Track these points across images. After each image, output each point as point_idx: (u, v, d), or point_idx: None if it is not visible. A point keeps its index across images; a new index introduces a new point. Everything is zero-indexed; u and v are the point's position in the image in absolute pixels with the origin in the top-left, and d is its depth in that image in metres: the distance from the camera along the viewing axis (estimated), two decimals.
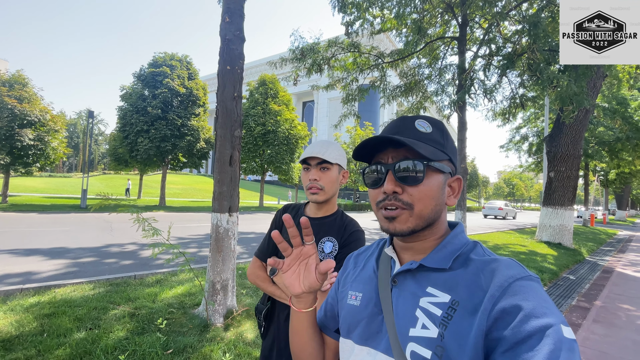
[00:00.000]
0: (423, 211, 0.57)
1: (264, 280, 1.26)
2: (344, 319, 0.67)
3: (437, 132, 0.62)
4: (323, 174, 1.20)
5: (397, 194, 0.58)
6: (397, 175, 0.58)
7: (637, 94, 15.99)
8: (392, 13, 8.13)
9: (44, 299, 3.57)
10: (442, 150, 0.60)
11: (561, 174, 10.04)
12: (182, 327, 3.02)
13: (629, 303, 4.66)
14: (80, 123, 68.24)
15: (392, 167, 0.58)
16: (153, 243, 2.90)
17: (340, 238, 1.19)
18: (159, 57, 20.04)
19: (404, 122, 0.62)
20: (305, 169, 1.23)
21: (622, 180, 26.12)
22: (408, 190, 0.57)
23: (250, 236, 9.80)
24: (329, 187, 1.21)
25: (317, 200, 1.21)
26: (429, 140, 0.60)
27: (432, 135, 0.61)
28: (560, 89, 5.76)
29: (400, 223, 0.58)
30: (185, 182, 41.69)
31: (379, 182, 0.60)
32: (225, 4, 3.43)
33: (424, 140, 0.59)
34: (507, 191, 70.47)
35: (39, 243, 6.93)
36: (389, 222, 0.59)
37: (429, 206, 0.58)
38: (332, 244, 1.18)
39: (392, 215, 0.58)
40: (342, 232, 1.20)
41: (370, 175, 0.62)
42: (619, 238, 14.88)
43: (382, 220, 0.60)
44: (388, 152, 0.61)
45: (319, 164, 1.20)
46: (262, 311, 1.26)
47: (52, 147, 16.80)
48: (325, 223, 1.24)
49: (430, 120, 0.63)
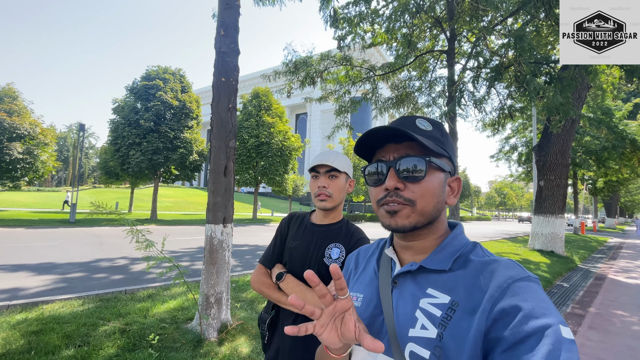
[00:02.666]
0: (425, 208, 0.58)
1: (269, 287, 1.24)
2: None
3: (437, 131, 0.63)
4: (331, 182, 1.23)
5: (398, 190, 0.58)
6: (399, 171, 0.58)
7: (621, 104, 16.51)
8: (383, 28, 8.34)
9: (31, 315, 3.46)
10: (442, 147, 0.61)
11: (551, 183, 10.22)
12: (174, 343, 2.94)
13: (623, 309, 4.70)
14: (70, 136, 67.50)
15: (394, 164, 0.59)
16: (146, 256, 2.85)
17: (347, 245, 1.21)
18: (152, 71, 20.08)
19: (405, 121, 0.63)
20: (314, 176, 1.26)
21: (610, 188, 26.69)
22: (410, 187, 0.58)
23: (244, 248, 9.68)
24: (337, 195, 1.24)
25: (326, 207, 1.23)
26: (430, 137, 0.60)
27: (433, 133, 0.62)
28: (546, 99, 5.92)
29: (402, 218, 0.58)
30: (178, 195, 41.22)
31: (381, 180, 0.60)
32: (220, 18, 3.49)
33: (425, 137, 0.60)
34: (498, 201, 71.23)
35: (26, 258, 6.74)
36: (390, 217, 0.59)
37: (430, 203, 0.58)
38: (340, 250, 1.20)
39: (394, 209, 0.58)
40: (349, 240, 1.22)
41: (372, 173, 0.63)
42: (609, 245, 15.08)
43: (383, 217, 0.60)
44: (389, 148, 0.61)
45: (327, 171, 1.23)
46: (266, 321, 1.24)
47: (42, 160, 16.56)
48: (332, 230, 1.26)
49: (430, 120, 0.64)
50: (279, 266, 1.29)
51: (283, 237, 1.34)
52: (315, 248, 1.22)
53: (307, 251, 1.22)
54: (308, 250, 1.22)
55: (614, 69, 8.31)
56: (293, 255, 1.25)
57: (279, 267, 1.28)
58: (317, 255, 1.21)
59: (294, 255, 1.24)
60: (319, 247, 1.22)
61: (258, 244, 10.85)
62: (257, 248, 9.91)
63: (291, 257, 1.25)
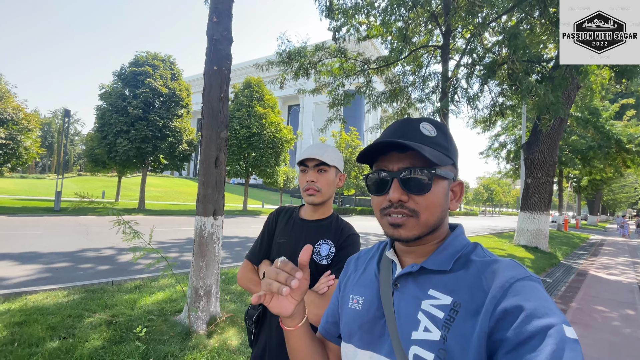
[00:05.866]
0: (429, 219, 0.57)
1: (256, 284, 1.22)
2: (346, 323, 0.66)
3: (442, 135, 0.61)
4: (320, 176, 1.19)
5: (402, 202, 0.57)
6: (404, 183, 0.57)
7: (608, 104, 16.86)
8: (378, 20, 8.26)
9: (14, 306, 3.38)
10: (447, 154, 0.59)
11: (537, 180, 10.43)
12: (162, 335, 2.91)
13: (603, 305, 4.85)
14: (55, 122, 65.58)
15: (398, 175, 0.57)
16: (133, 247, 2.80)
17: (336, 241, 1.18)
18: (141, 56, 19.54)
19: (409, 125, 0.61)
20: (303, 170, 1.22)
21: (594, 186, 27.41)
22: (414, 199, 0.57)
23: (233, 240, 9.64)
24: (326, 189, 1.20)
25: (314, 201, 1.20)
26: (434, 144, 0.59)
27: (437, 139, 0.60)
28: (537, 98, 5.99)
29: (407, 230, 0.57)
30: (166, 185, 40.68)
31: (384, 189, 0.59)
32: (213, 4, 3.39)
33: (429, 145, 0.58)
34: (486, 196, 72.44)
35: (9, 247, 6.56)
36: (394, 229, 0.58)
37: (435, 214, 0.57)
38: (329, 247, 1.17)
39: (398, 222, 0.57)
40: (339, 236, 1.19)
41: (374, 181, 0.61)
42: (591, 242, 15.54)
43: (386, 227, 0.59)
44: (392, 157, 0.59)
45: (316, 165, 1.19)
46: (253, 317, 1.22)
47: (25, 146, 16.04)
48: (321, 225, 1.23)
49: (434, 123, 0.62)
50: (266, 263, 1.26)
51: (271, 233, 1.31)
52: (304, 244, 1.19)
53: (296, 248, 1.19)
54: (297, 247, 1.19)
55: (604, 69, 8.45)
56: (281, 251, 1.22)
57: (267, 264, 1.25)
58: None
59: (282, 251, 1.21)
60: (308, 244, 1.19)
61: (248, 235, 10.82)
62: (247, 240, 9.87)
63: (279, 254, 1.22)
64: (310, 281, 1.13)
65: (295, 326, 0.64)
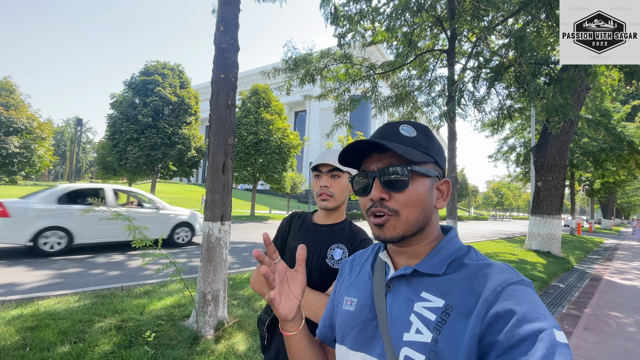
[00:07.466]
0: (410, 217, 0.58)
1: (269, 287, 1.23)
2: (340, 324, 0.67)
3: (422, 135, 0.62)
4: (334, 181, 1.21)
5: (384, 200, 0.58)
6: (383, 181, 0.58)
7: (620, 106, 16.56)
8: (383, 26, 8.30)
9: (26, 311, 3.44)
10: (427, 153, 0.61)
11: (548, 184, 10.25)
12: (171, 340, 2.93)
13: (618, 311, 4.73)
14: (67, 131, 67.16)
15: (378, 174, 0.59)
16: (143, 252, 2.83)
17: (350, 246, 1.19)
18: (151, 66, 19.97)
19: (389, 128, 0.63)
20: (316, 176, 1.24)
21: (607, 189, 26.80)
22: (394, 197, 0.58)
23: (241, 246, 9.67)
24: (339, 195, 1.22)
25: (327, 206, 1.22)
26: (413, 144, 0.60)
27: (417, 139, 0.61)
28: (546, 100, 5.92)
29: (389, 230, 0.58)
30: (175, 191, 41.11)
31: (367, 189, 0.61)
32: (220, 14, 3.46)
33: (408, 144, 0.60)
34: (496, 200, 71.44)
35: (23, 254, 6.70)
36: (378, 229, 0.59)
37: (415, 211, 0.58)
38: (342, 251, 1.18)
39: (380, 222, 0.59)
40: (352, 240, 1.20)
41: (359, 183, 0.63)
42: (605, 246, 15.17)
43: (372, 228, 0.61)
44: (373, 158, 0.62)
45: (330, 171, 1.21)
46: (266, 322, 1.22)
47: (38, 155, 16.47)
48: (334, 230, 1.24)
49: (415, 124, 0.64)
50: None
51: (284, 237, 1.32)
52: (317, 249, 1.20)
53: (309, 252, 1.20)
54: (310, 251, 1.20)
55: (613, 71, 8.33)
56: (294, 255, 1.22)
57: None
58: (319, 256, 1.19)
59: (295, 255, 1.22)
60: (321, 248, 1.20)
61: (255, 241, 10.84)
62: (254, 245, 9.89)
63: (292, 258, 1.23)
64: (323, 285, 1.14)
65: (296, 329, 0.66)
